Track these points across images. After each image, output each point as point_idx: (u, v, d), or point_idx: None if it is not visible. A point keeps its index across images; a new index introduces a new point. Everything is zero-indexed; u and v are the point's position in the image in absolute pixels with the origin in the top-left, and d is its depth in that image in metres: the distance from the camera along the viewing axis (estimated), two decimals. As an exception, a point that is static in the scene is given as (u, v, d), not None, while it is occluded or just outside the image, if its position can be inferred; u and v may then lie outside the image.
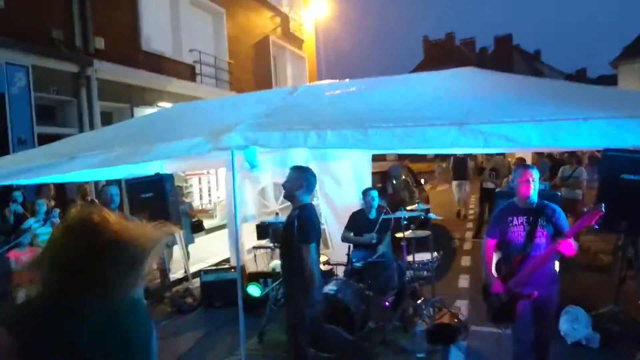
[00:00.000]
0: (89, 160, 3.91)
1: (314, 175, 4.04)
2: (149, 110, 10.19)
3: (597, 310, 5.25)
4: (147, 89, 10.79)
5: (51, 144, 5.35)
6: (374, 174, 7.69)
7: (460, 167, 13.03)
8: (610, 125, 2.76)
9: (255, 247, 6.89)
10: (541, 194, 3.75)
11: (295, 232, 3.76)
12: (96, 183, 8.93)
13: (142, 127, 5.36)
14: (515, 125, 2.93)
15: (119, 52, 9.92)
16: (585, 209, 3.74)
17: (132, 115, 10.12)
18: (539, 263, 3.53)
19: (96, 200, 8.43)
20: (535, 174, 3.66)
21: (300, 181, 3.91)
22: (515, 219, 3.67)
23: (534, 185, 3.61)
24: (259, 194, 8.11)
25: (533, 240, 3.59)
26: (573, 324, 4.89)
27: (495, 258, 3.87)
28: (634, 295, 5.71)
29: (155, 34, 11.42)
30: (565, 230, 3.53)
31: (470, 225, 12.18)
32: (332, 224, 7.09)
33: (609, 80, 36.32)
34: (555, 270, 3.82)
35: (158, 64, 11.27)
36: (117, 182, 7.27)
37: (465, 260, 8.55)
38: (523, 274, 3.57)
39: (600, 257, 7.94)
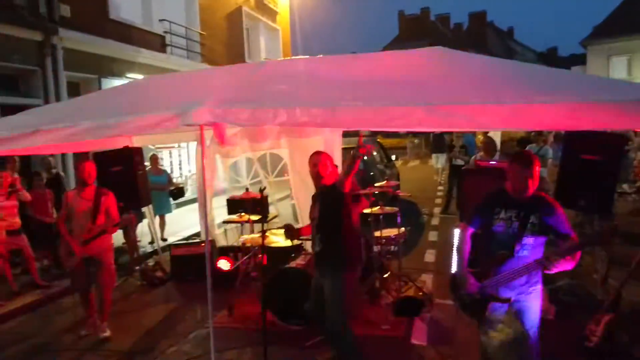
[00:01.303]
0: (54, 134, 3.84)
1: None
2: (117, 82, 9.96)
3: (554, 284, 5.50)
4: (116, 59, 10.52)
5: (14, 115, 5.21)
6: (344, 149, 7.75)
7: (439, 140, 14.75)
8: (569, 108, 2.86)
9: (225, 222, 6.91)
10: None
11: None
12: (63, 155, 8.77)
13: (109, 99, 5.26)
14: (479, 107, 3.01)
15: (85, 21, 9.61)
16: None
17: (100, 87, 9.88)
18: (522, 272, 3.09)
19: (62, 174, 8.30)
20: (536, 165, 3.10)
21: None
22: (502, 211, 3.18)
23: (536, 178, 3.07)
24: (230, 168, 8.10)
25: (520, 239, 3.09)
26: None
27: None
28: (589, 269, 5.99)
29: (124, 2, 11.09)
30: (563, 232, 3.05)
31: (438, 201, 12.43)
32: (303, 199, 7.16)
33: (579, 59, 37.03)
34: (540, 274, 3.21)
35: (127, 33, 10.97)
36: (85, 154, 7.16)
37: (433, 236, 8.77)
38: (503, 275, 3.13)
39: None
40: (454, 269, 3.54)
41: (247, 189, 6.44)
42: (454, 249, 3.50)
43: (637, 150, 11.48)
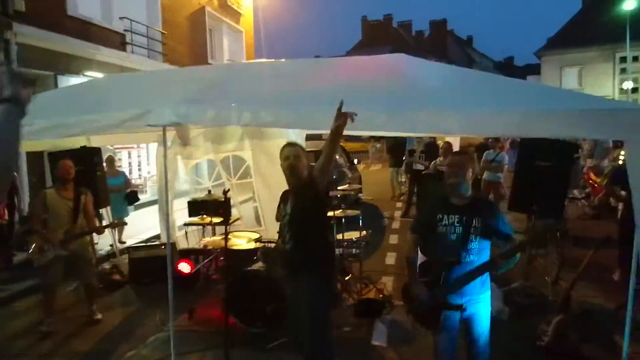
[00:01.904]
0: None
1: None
2: (75, 80, 9.66)
3: (508, 286, 5.69)
4: (73, 56, 10.21)
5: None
6: (307, 153, 7.78)
7: (397, 152, 13.40)
8: (524, 117, 2.99)
9: (186, 224, 6.82)
10: None
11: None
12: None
13: (68, 98, 5.13)
14: (440, 113, 3.11)
15: (42, 16, 9.28)
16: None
17: (57, 85, 9.56)
18: (474, 275, 3.08)
19: (15, 174, 7.98)
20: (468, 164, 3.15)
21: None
22: (445, 217, 3.14)
23: (467, 177, 3.12)
24: (192, 170, 8.01)
25: (466, 244, 3.07)
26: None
27: (421, 257, 3.41)
28: (542, 271, 6.22)
29: (83, -2, 10.79)
30: (505, 232, 3.13)
31: (399, 204, 12.63)
32: (266, 202, 7.15)
33: (534, 69, 38.39)
34: (488, 277, 3.25)
35: (85, 30, 10.67)
36: (39, 154, 6.93)
37: (393, 239, 8.90)
38: (452, 282, 3.09)
39: (515, 236, 8.52)
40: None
41: (209, 191, 6.38)
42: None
43: (587, 157, 12.01)
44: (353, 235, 6.00)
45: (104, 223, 7.86)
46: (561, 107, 2.90)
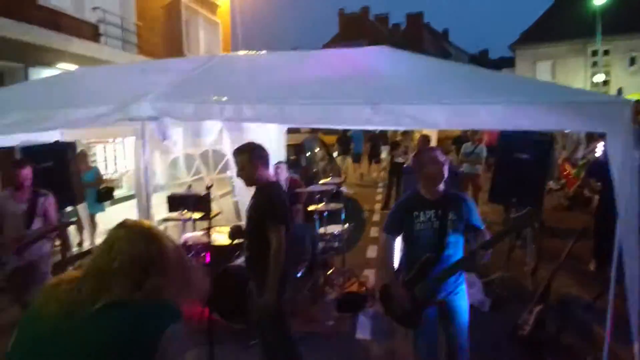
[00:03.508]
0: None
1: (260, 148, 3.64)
2: (47, 72, 9.37)
3: (488, 277, 5.76)
4: (44, 48, 9.89)
5: None
6: (288, 146, 7.73)
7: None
8: (506, 110, 3.00)
9: (165, 219, 6.70)
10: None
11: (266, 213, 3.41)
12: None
13: (40, 90, 4.96)
14: (424, 107, 3.10)
15: (9, 5, 8.95)
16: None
17: (27, 77, 9.26)
18: (453, 269, 3.10)
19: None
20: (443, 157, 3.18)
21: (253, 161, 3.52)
22: (421, 213, 3.13)
23: (445, 171, 3.13)
24: (170, 165, 7.87)
25: (443, 239, 3.08)
26: (467, 289, 5.34)
27: (399, 252, 3.41)
28: (521, 262, 6.32)
29: (54, -13, 10.46)
30: (476, 225, 3.19)
31: (379, 197, 12.68)
32: (246, 197, 7.07)
33: (508, 62, 38.91)
34: (463, 272, 3.29)
35: (56, 21, 10.35)
36: (10, 149, 6.69)
37: (374, 232, 8.93)
38: (432, 279, 3.09)
39: (493, 227, 8.64)
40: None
41: (189, 186, 6.27)
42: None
43: (562, 149, 12.24)
44: (335, 228, 5.99)
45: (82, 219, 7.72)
46: (545, 100, 2.91)
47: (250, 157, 3.50)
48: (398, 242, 3.40)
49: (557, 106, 2.88)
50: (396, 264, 3.39)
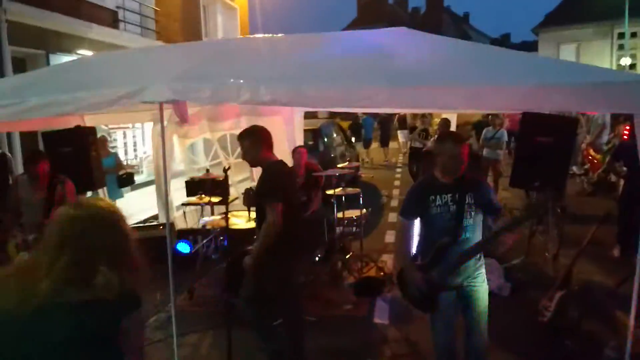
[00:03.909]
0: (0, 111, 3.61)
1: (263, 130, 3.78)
2: (67, 58, 9.45)
3: (509, 262, 5.68)
4: (65, 34, 9.98)
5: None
6: (305, 131, 7.70)
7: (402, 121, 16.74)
8: (529, 91, 2.92)
9: (184, 204, 6.76)
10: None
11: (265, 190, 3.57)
12: (8, 134, 8.31)
13: (60, 75, 5.00)
14: (444, 88, 3.03)
15: (32, -8, 9.05)
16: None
17: (48, 63, 9.36)
18: (470, 253, 3.06)
19: (8, 154, 7.87)
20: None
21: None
22: (438, 197, 3.08)
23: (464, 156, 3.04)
24: (188, 149, 7.91)
25: (460, 223, 3.03)
26: (487, 275, 5.28)
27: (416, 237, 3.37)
28: (542, 248, 6.22)
29: (73, -26, 10.50)
30: (495, 207, 3.18)
31: (397, 182, 12.60)
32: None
33: (530, 46, 38.05)
34: (482, 257, 3.23)
35: (76, 7, 10.41)
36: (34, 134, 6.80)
37: (392, 217, 8.87)
38: (448, 262, 3.05)
39: (514, 213, 8.52)
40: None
41: (207, 170, 6.30)
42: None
43: (586, 134, 11.96)
44: (353, 213, 5.96)
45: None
46: (570, 80, 2.82)
47: (253, 140, 3.65)
48: (416, 227, 3.36)
49: (583, 87, 2.79)
50: (414, 248, 3.36)
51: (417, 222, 3.30)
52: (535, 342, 4.29)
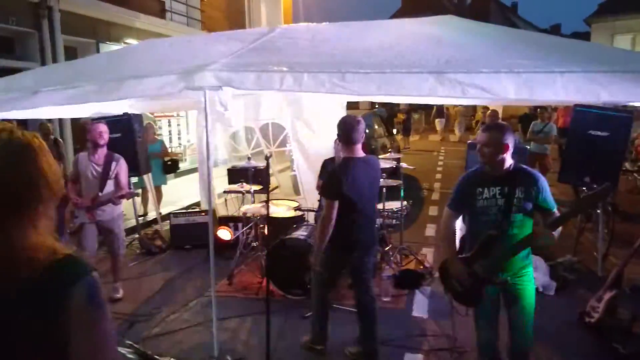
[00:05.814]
0: (54, 96, 3.74)
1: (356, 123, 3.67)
2: (115, 47, 9.74)
3: (555, 260, 5.49)
4: (113, 24, 10.27)
5: (11, 76, 5.08)
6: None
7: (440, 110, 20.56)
8: (585, 80, 2.78)
9: (226, 192, 6.85)
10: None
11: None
12: (60, 120, 8.62)
13: (109, 62, 5.13)
14: (493, 76, 2.92)
15: (83, -18, 9.33)
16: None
17: (98, 52, 9.65)
18: (516, 249, 2.92)
19: (60, 140, 8.18)
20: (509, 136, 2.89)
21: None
22: (485, 190, 2.96)
23: (510, 150, 2.88)
24: (231, 138, 8.00)
25: (509, 216, 2.90)
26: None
27: (459, 231, 3.29)
28: (590, 246, 5.98)
29: (123, -35, 10.75)
30: (548, 205, 2.97)
31: (439, 176, 12.39)
32: (304, 171, 7.10)
33: (582, 37, 36.46)
34: (530, 250, 3.08)
35: (125, -3, 10.69)
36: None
37: (433, 210, 8.74)
38: (493, 257, 2.94)
39: (561, 210, 8.23)
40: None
41: (249, 159, 6.35)
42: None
43: (638, 128, 11.38)
44: (393, 205, 5.89)
45: (148, 189, 8.03)
46: (629, 68, 2.67)
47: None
48: (459, 220, 3.28)
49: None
50: (457, 242, 3.27)
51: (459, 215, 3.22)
52: (581, 343, 4.13)
